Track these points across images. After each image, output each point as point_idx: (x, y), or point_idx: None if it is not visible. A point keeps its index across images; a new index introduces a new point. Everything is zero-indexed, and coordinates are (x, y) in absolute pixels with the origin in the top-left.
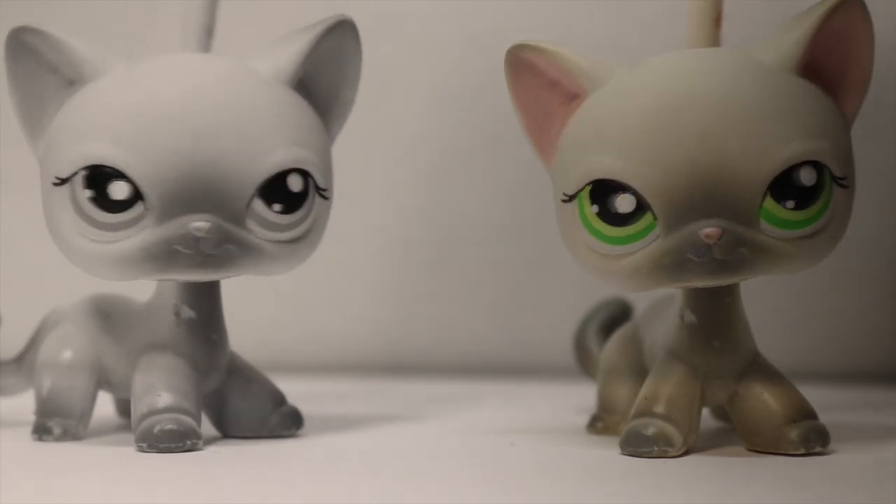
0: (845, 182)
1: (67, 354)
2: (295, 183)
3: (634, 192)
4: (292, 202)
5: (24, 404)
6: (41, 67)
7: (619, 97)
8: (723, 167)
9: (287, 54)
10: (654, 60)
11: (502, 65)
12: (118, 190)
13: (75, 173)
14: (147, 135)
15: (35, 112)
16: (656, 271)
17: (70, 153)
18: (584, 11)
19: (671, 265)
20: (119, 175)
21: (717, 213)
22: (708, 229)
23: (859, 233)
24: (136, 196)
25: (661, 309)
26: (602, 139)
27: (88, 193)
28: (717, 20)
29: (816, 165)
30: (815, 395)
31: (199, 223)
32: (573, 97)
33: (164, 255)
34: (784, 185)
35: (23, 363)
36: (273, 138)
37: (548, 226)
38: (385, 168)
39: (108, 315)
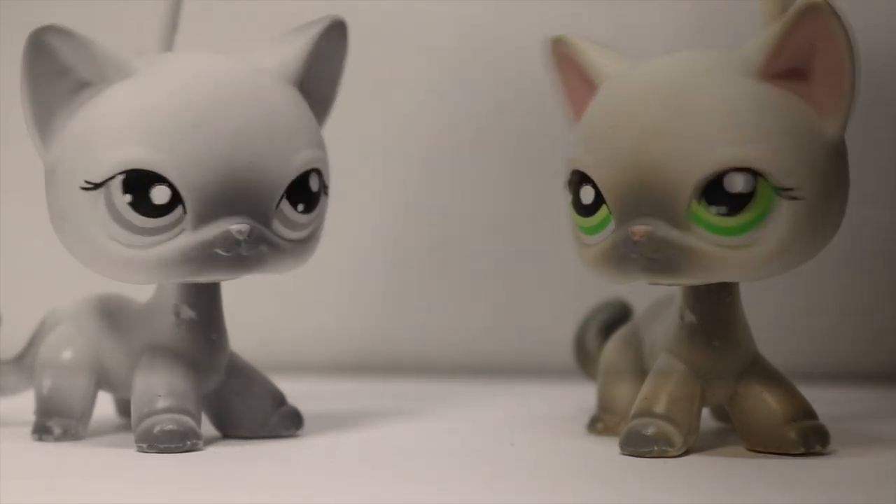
0: (796, 193)
1: (67, 354)
2: (314, 182)
3: (594, 185)
4: (311, 201)
5: (24, 404)
6: (56, 69)
7: (599, 94)
8: (658, 167)
9: (291, 54)
10: (648, 60)
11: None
12: (159, 194)
13: (111, 177)
14: (185, 138)
15: (46, 114)
16: (607, 264)
17: (105, 157)
18: (584, 11)
19: (615, 259)
20: (159, 179)
21: (654, 212)
22: (636, 227)
23: (859, 233)
24: (175, 200)
25: (661, 309)
26: (580, 132)
27: (128, 198)
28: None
29: (749, 173)
30: (815, 395)
31: (240, 226)
32: (593, 90)
33: (202, 258)
34: (715, 190)
35: (23, 363)
36: (297, 139)
37: (547, 225)
38: (384, 168)
39: (108, 315)
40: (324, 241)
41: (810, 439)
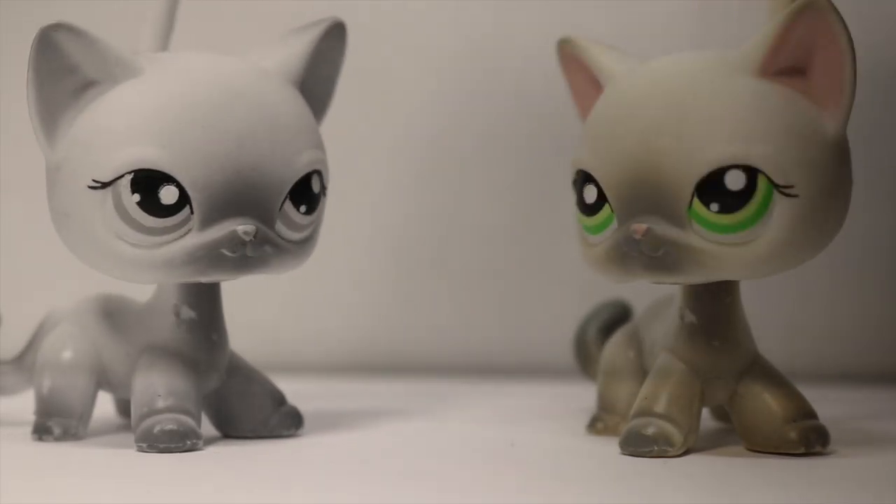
0: (792, 191)
1: (67, 354)
2: (316, 184)
3: (596, 184)
4: (313, 202)
5: (24, 404)
6: (63, 67)
7: (604, 94)
8: (659, 166)
9: (293, 55)
10: (652, 61)
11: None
12: (167, 194)
13: (119, 177)
14: (193, 139)
15: (53, 113)
16: (610, 262)
17: (113, 156)
18: (584, 11)
19: (617, 258)
20: (167, 179)
21: (655, 210)
22: (636, 225)
23: (859, 233)
24: (183, 200)
25: (661, 309)
26: (585, 132)
27: (136, 198)
28: None
29: (748, 170)
30: (815, 395)
31: (247, 227)
32: (600, 90)
33: (208, 259)
34: (711, 188)
35: (23, 363)
36: (300, 140)
37: (548, 226)
38: (384, 168)
39: (108, 315)
40: (324, 241)
41: (810, 439)
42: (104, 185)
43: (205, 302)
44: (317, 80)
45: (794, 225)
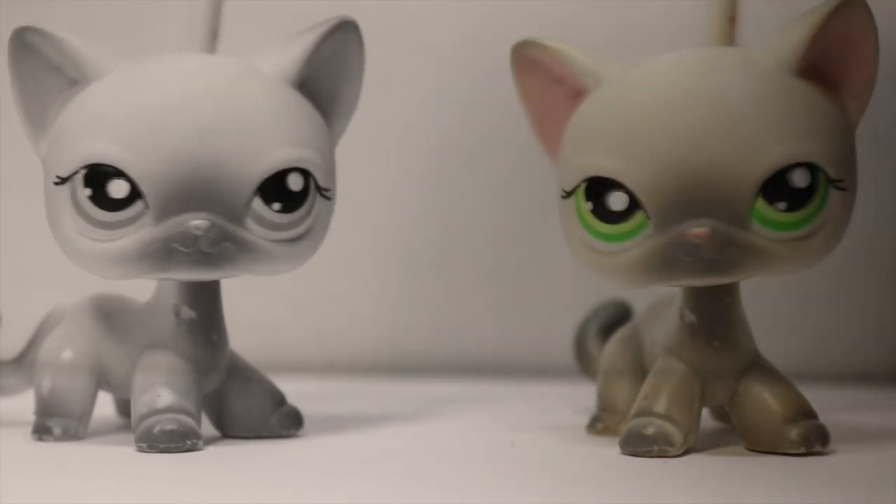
0: (843, 184)
1: (67, 354)
2: (295, 182)
3: (627, 191)
4: (292, 201)
5: (24, 404)
6: (44, 67)
7: (615, 96)
8: (714, 168)
9: (290, 55)
10: (653, 59)
11: (502, 64)
12: (116, 188)
13: (75, 172)
14: (148, 134)
15: (38, 111)
16: (648, 269)
17: (70, 152)
18: (584, 10)
19: (661, 264)
20: (118, 173)
21: (708, 213)
22: (697, 229)
23: (860, 233)
24: (135, 195)
25: (661, 309)
26: (598, 137)
27: (87, 192)
28: (732, 19)
29: (810, 167)
30: (815, 395)
31: (198, 221)
32: (577, 94)
33: (162, 254)
34: (776, 187)
35: (23, 363)
36: (273, 137)
37: (547, 226)
38: (385, 168)
39: (108, 315)
40: (325, 241)
41: (810, 439)
42: (63, 181)
43: (205, 302)
44: (322, 80)
45: (842, 216)
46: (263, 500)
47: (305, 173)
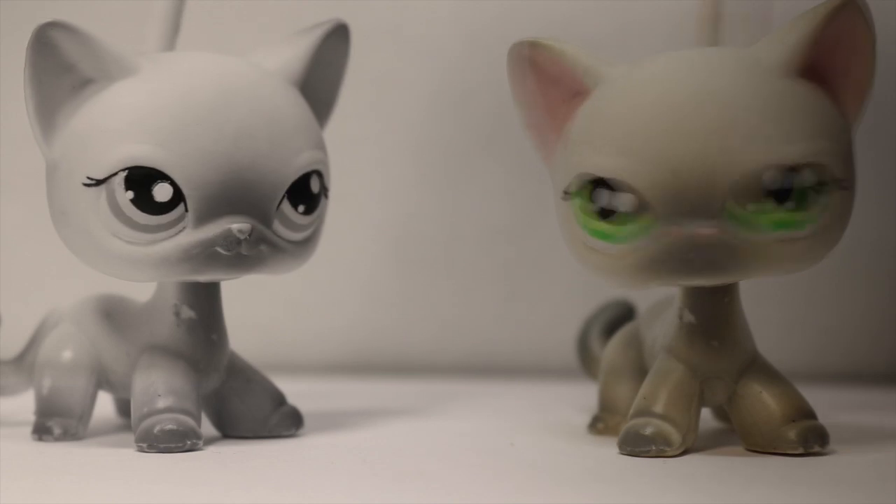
0: (845, 184)
1: (67, 354)
2: (315, 184)
3: (632, 191)
4: (312, 203)
5: (24, 404)
6: (58, 65)
7: (619, 96)
8: (728, 169)
9: (294, 56)
10: (653, 59)
11: (502, 64)
12: (161, 192)
13: (114, 174)
14: (188, 136)
15: (49, 110)
16: (651, 270)
17: (107, 154)
18: (584, 10)
19: (669, 263)
20: (161, 177)
21: (716, 213)
22: (701, 229)
23: (860, 233)
24: (178, 198)
25: (662, 309)
26: (601, 137)
27: (130, 195)
28: (717, 19)
29: (814, 167)
30: (814, 395)
31: (242, 225)
32: (576, 94)
33: (203, 257)
34: (785, 186)
35: (23, 363)
36: (299, 140)
37: (547, 226)
38: (385, 168)
39: (108, 315)
40: (324, 240)
41: (809, 439)
42: (98, 183)
43: (204, 302)
44: (318, 82)
45: (843, 216)
46: (263, 500)
47: (319, 175)
